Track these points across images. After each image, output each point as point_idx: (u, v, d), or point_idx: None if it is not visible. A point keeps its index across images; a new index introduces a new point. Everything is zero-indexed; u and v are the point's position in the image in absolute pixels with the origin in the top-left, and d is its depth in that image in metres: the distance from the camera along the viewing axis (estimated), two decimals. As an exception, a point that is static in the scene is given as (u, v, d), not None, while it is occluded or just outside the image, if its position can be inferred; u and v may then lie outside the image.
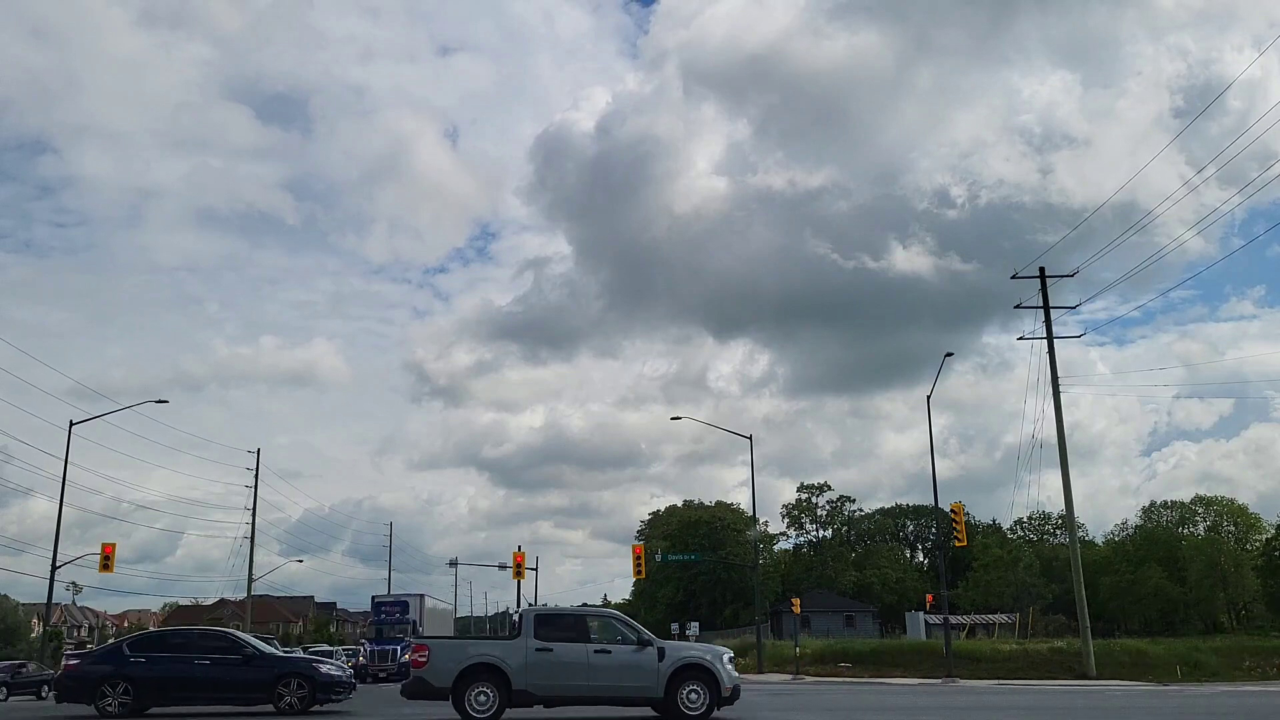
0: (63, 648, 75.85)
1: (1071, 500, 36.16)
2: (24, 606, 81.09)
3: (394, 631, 42.20)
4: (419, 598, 44.93)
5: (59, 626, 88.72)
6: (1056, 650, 40.31)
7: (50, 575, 42.71)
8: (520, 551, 55.09)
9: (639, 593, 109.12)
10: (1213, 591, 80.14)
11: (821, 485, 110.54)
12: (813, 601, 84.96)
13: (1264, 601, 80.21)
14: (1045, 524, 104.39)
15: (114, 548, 43.34)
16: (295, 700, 17.92)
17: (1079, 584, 34.87)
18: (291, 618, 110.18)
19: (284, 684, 18.00)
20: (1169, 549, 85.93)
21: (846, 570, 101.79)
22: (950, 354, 44.01)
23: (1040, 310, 36.44)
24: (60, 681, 17.99)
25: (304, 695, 18.00)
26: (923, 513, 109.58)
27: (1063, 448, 35.80)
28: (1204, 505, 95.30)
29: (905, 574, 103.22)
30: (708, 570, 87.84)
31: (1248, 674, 36.92)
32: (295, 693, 17.98)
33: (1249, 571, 79.67)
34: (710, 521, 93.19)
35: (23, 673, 36.30)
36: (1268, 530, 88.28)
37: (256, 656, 18.45)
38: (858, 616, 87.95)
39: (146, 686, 17.66)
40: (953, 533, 40.05)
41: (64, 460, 42.56)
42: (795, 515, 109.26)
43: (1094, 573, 74.43)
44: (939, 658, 38.70)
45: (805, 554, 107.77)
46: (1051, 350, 36.17)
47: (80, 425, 43.70)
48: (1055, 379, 35.95)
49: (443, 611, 54.66)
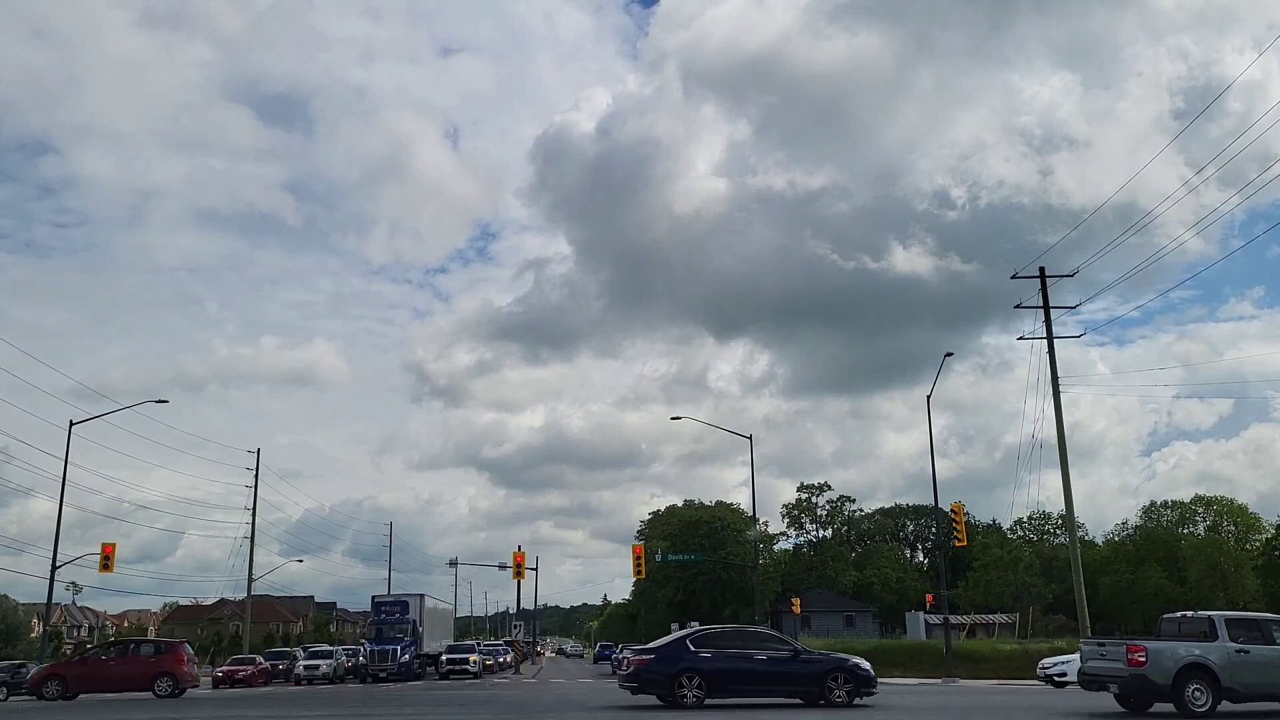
0: (62, 647, 75.89)
1: (1071, 500, 36.12)
2: (24, 606, 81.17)
3: (394, 631, 42.18)
4: (419, 598, 44.94)
5: (59, 626, 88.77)
6: (1057, 650, 40.32)
7: (50, 575, 42.75)
8: (520, 551, 55.20)
9: (639, 593, 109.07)
10: (1213, 591, 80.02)
11: (821, 485, 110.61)
12: (813, 601, 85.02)
13: (1264, 601, 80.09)
14: (1045, 524, 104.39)
15: (114, 548, 43.43)
16: (843, 694, 18.91)
17: (1079, 584, 34.84)
18: (291, 618, 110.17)
19: (833, 679, 18.98)
20: (1169, 549, 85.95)
21: (846, 570, 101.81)
22: (950, 354, 44.03)
23: (1040, 310, 36.37)
24: (635, 675, 19.04)
25: (850, 689, 18.98)
26: (923, 513, 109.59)
27: (1063, 448, 35.78)
28: (1204, 505, 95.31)
29: (905, 574, 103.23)
30: (708, 570, 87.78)
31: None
32: (842, 687, 18.97)
33: (1249, 571, 79.64)
34: (710, 521, 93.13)
35: (22, 673, 36.26)
36: (1268, 530, 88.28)
37: (805, 653, 19.61)
38: (858, 616, 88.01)
39: (714, 679, 18.72)
40: (953, 533, 40.06)
41: (64, 460, 42.62)
42: (795, 515, 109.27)
43: (1094, 573, 74.45)
44: (939, 658, 38.74)
45: (805, 554, 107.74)
46: (1051, 350, 36.15)
47: (81, 425, 43.78)
48: (1055, 379, 35.92)
49: (443, 611, 54.66)
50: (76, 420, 43.39)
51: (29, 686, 29.89)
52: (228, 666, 42.22)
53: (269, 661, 44.59)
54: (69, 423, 42.96)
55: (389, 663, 40.28)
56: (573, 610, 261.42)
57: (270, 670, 42.77)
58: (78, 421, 43.42)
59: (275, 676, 42.90)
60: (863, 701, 18.96)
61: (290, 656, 47.15)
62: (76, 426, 43.23)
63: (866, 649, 46.96)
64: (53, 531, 43.26)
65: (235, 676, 39.53)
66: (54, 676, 28.52)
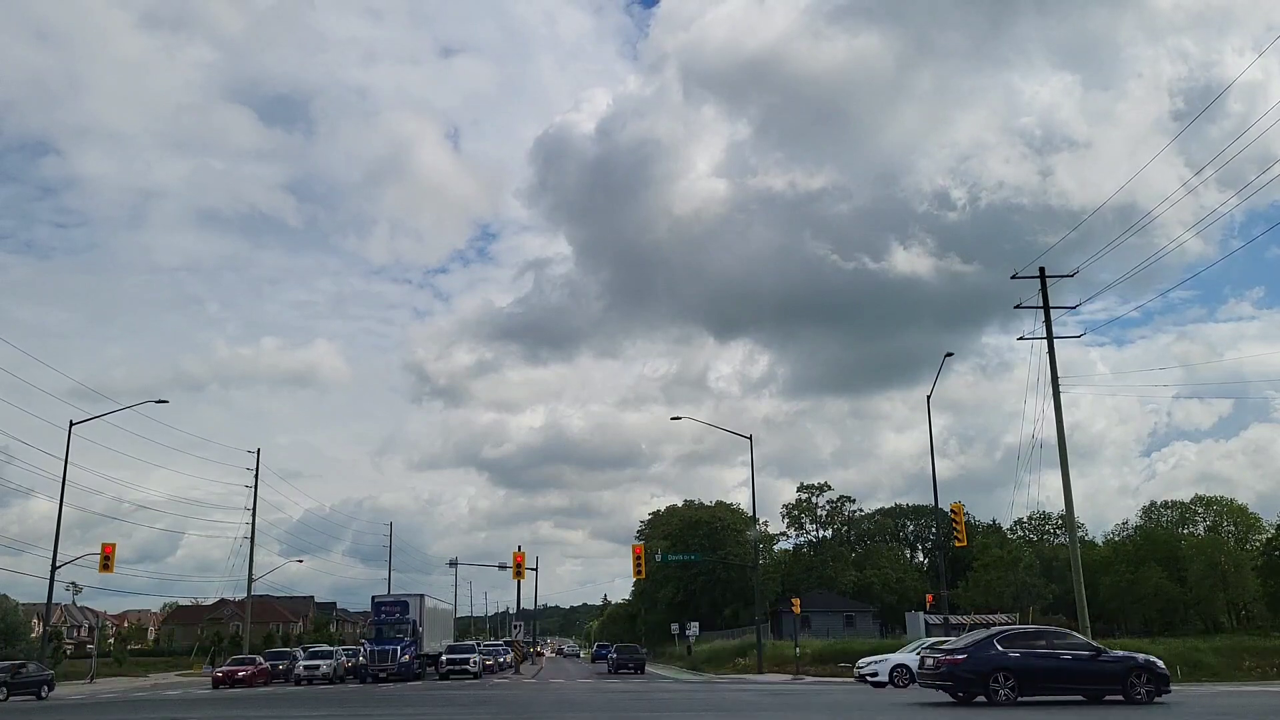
0: (62, 648, 75.81)
1: (1071, 500, 36.10)
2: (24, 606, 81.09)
3: (394, 631, 42.20)
4: (419, 598, 44.96)
5: (59, 627, 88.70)
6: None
7: (50, 575, 42.75)
8: (520, 551, 55.20)
9: (639, 593, 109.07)
10: (1213, 591, 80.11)
11: (821, 485, 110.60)
12: (813, 601, 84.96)
13: (1264, 601, 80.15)
14: (1045, 524, 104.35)
15: (114, 548, 43.43)
16: (1144, 692, 19.08)
17: (1079, 584, 34.83)
18: (291, 617, 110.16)
19: (1135, 676, 19.20)
20: (1169, 549, 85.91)
21: (846, 570, 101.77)
22: (950, 354, 44.05)
23: (1040, 310, 36.36)
24: (950, 674, 19.45)
25: (1150, 688, 19.16)
26: (923, 513, 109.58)
27: (1063, 447, 35.76)
28: (1204, 505, 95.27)
29: (905, 574, 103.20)
30: (708, 570, 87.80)
31: (1248, 674, 36.93)
32: (1144, 685, 19.14)
33: (1249, 571, 79.62)
34: (710, 521, 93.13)
35: (22, 673, 36.27)
36: (1268, 530, 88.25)
37: (1105, 652, 19.80)
38: (858, 616, 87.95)
39: (1025, 677, 19.07)
40: (953, 533, 40.05)
41: (64, 460, 42.61)
42: (795, 515, 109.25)
43: (1094, 573, 74.42)
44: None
45: (805, 554, 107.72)
46: (1051, 350, 36.12)
47: (81, 426, 43.79)
48: (1055, 378, 35.91)
49: (443, 611, 54.67)
50: (76, 420, 43.45)
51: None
52: (228, 666, 42.25)
53: (269, 661, 44.63)
54: (69, 423, 43.01)
55: (389, 663, 40.29)
56: (573, 610, 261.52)
57: (270, 670, 42.80)
58: (78, 421, 43.46)
59: (275, 676, 42.93)
60: (1161, 700, 19.19)
61: (290, 657, 47.16)
62: (77, 427, 43.29)
63: (867, 649, 46.99)
64: (53, 532, 43.31)
65: (235, 676, 39.55)
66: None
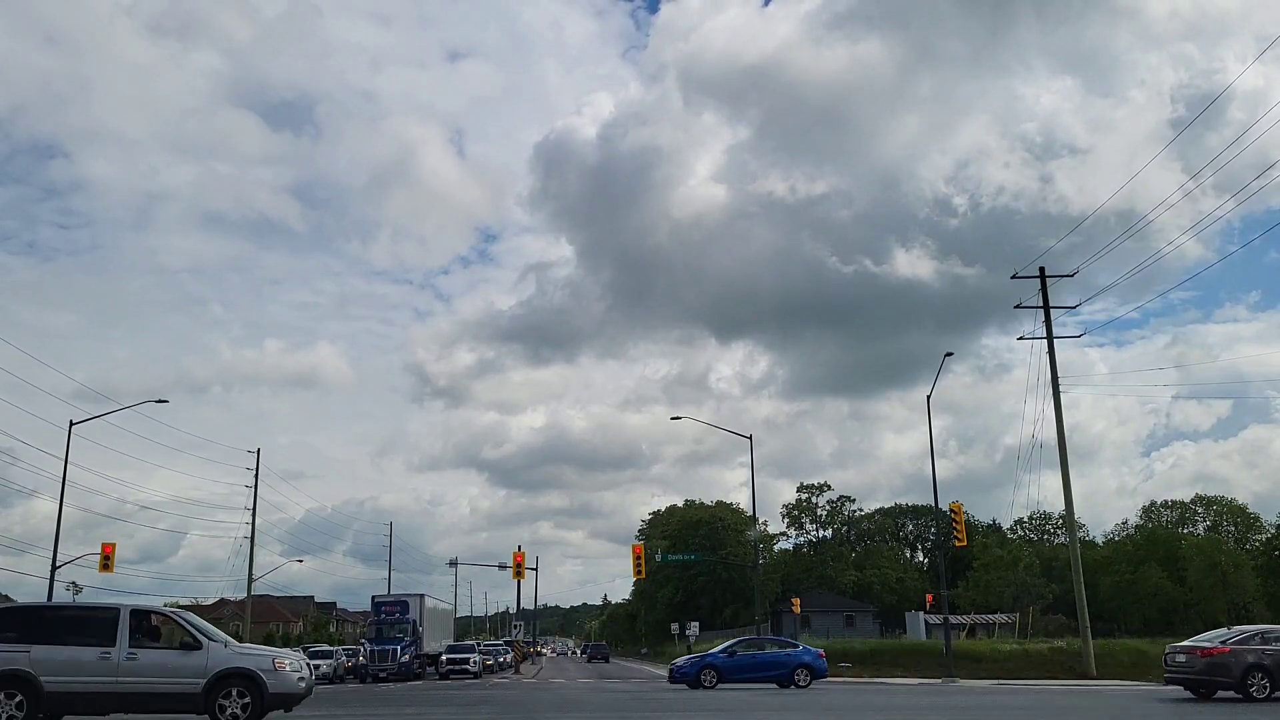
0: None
1: (1071, 500, 36.15)
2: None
3: (394, 631, 42.19)
4: (419, 598, 44.95)
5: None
6: (1056, 650, 40.33)
7: (50, 575, 42.72)
8: (520, 551, 55.11)
9: (639, 593, 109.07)
10: (1213, 591, 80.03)
11: (821, 485, 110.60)
12: (813, 601, 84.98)
13: (1264, 601, 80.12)
14: (1045, 524, 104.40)
15: (114, 548, 43.42)
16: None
17: (1079, 584, 34.86)
18: (291, 617, 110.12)
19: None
20: (1169, 549, 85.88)
21: (846, 570, 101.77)
22: (950, 354, 44.02)
23: (1039, 311, 36.42)
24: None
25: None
26: (922, 513, 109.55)
27: (1062, 447, 35.79)
28: (1204, 505, 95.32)
29: (905, 574, 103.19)
30: (708, 570, 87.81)
31: (1248, 674, 36.86)
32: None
33: (1249, 571, 79.63)
34: (710, 521, 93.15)
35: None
36: (1268, 530, 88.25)
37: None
38: (858, 616, 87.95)
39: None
40: (952, 533, 40.04)
41: (64, 460, 42.59)
42: (795, 515, 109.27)
43: (1094, 572, 74.40)
44: (939, 658, 38.71)
45: (805, 554, 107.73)
46: (1051, 350, 36.17)
47: (84, 427, 43.78)
48: (1055, 378, 35.94)
49: (443, 611, 54.67)
50: (76, 420, 43.44)
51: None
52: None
53: (269, 661, 44.52)
54: (69, 423, 42.99)
55: (389, 663, 40.28)
56: (573, 610, 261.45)
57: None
58: (78, 421, 43.43)
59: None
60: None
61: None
62: (79, 427, 43.24)
63: (866, 649, 47.01)
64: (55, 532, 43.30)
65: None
66: None
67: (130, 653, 14.63)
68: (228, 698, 14.61)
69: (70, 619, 15.43)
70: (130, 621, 14.93)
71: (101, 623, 14.91)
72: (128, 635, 14.76)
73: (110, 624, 14.85)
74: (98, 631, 14.80)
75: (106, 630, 14.78)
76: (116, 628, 14.77)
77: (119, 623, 14.83)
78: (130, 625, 14.89)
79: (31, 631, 14.78)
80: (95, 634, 14.77)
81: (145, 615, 15.40)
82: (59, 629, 14.96)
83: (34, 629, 14.84)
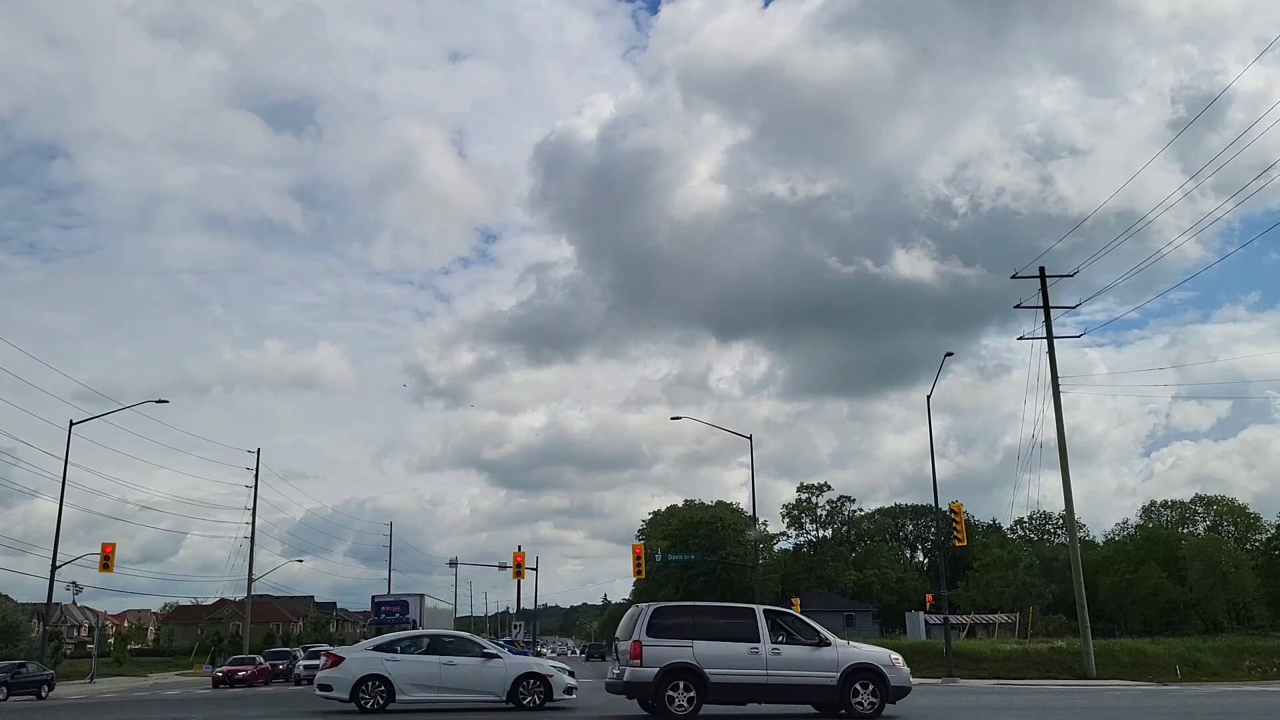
0: (62, 648, 75.72)
1: (1071, 500, 36.13)
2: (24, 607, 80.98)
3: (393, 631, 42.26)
4: (419, 598, 45.09)
5: (58, 627, 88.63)
6: (1056, 650, 40.29)
7: (50, 575, 42.75)
8: (520, 551, 55.15)
9: (639, 593, 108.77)
10: (1213, 591, 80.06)
11: (821, 485, 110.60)
12: (813, 601, 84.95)
13: (1264, 601, 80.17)
14: (1045, 524, 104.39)
15: (114, 548, 43.41)
16: None
17: (1079, 584, 34.84)
18: (291, 617, 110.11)
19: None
20: (1169, 549, 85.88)
21: (846, 570, 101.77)
22: (950, 354, 44.04)
23: (1039, 311, 36.40)
24: None
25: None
26: (922, 513, 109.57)
27: (1062, 447, 35.77)
28: (1204, 505, 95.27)
29: (905, 574, 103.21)
30: (708, 570, 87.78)
31: (1248, 674, 36.92)
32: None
33: (1249, 571, 79.63)
34: (710, 521, 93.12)
35: (23, 673, 36.26)
36: (1268, 530, 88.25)
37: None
38: (858, 616, 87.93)
39: None
40: (952, 533, 40.04)
41: (64, 460, 42.60)
42: (795, 515, 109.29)
43: (1094, 572, 74.38)
44: (939, 658, 38.68)
45: (805, 554, 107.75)
46: (1051, 350, 36.16)
47: (85, 427, 43.90)
48: (1055, 378, 35.93)
49: (443, 611, 54.77)
50: (76, 420, 43.45)
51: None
52: (228, 666, 42.24)
53: (269, 661, 44.58)
54: (69, 422, 43.00)
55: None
56: (573, 610, 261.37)
57: (270, 670, 42.77)
58: (78, 421, 43.45)
59: (275, 676, 42.89)
60: None
61: (290, 656, 47.09)
62: (80, 427, 43.32)
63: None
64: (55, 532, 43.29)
65: (235, 676, 39.53)
66: None
67: (774, 648, 15.85)
68: (857, 692, 15.78)
69: (719, 618, 16.66)
70: (765, 620, 16.18)
71: (744, 621, 16.20)
72: (767, 632, 15.99)
73: (751, 623, 16.12)
74: (743, 629, 16.05)
75: (750, 628, 16.04)
76: (757, 626, 16.03)
77: (758, 621, 16.11)
78: (767, 624, 16.12)
79: (692, 629, 15.98)
80: (742, 631, 16.01)
81: (778, 615, 16.71)
82: (712, 627, 16.14)
83: (693, 627, 16.04)
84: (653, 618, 15.96)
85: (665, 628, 15.80)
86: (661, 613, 16.23)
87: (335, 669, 18.57)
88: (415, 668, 18.35)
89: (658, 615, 16.08)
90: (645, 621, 15.85)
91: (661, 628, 15.79)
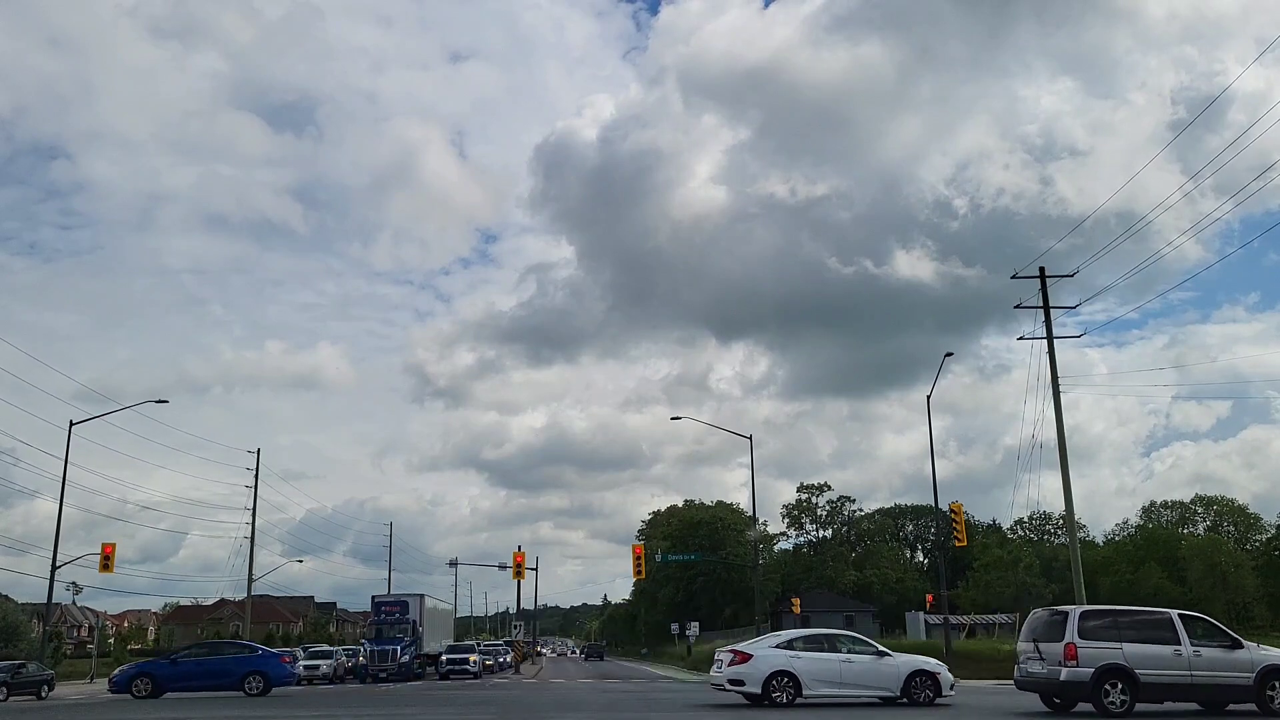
0: (62, 648, 75.73)
1: (1071, 500, 36.08)
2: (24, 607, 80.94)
3: (394, 631, 42.20)
4: (419, 598, 44.94)
5: (58, 627, 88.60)
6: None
7: (50, 575, 42.70)
8: (520, 551, 55.16)
9: (639, 593, 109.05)
10: (1213, 591, 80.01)
11: (821, 485, 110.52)
12: (813, 601, 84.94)
13: (1264, 601, 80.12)
14: (1045, 524, 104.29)
15: (114, 548, 43.38)
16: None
17: (1079, 584, 34.81)
18: (291, 617, 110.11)
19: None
20: (1169, 549, 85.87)
21: (846, 570, 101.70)
22: (950, 354, 44.04)
23: (1039, 311, 36.34)
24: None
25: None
26: (922, 513, 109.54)
27: (1062, 447, 35.74)
28: (1204, 505, 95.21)
29: (905, 574, 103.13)
30: (708, 570, 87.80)
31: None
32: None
33: (1249, 572, 79.60)
34: (710, 522, 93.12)
35: (22, 673, 36.22)
36: (1267, 530, 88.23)
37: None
38: (858, 616, 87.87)
39: None
40: (952, 533, 40.05)
41: (64, 460, 42.57)
42: (795, 515, 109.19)
43: (1094, 573, 74.34)
44: (939, 658, 38.68)
45: (805, 554, 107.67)
46: (1051, 350, 36.11)
47: (85, 427, 43.78)
48: (1055, 378, 35.90)
49: (443, 612, 54.65)
50: (76, 420, 43.42)
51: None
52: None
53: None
54: (69, 423, 42.97)
55: (389, 663, 40.27)
56: (573, 610, 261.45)
57: (270, 670, 42.65)
58: (77, 421, 43.42)
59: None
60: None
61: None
62: (80, 428, 43.24)
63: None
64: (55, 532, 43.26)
65: (235, 676, 39.40)
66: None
67: (1195, 650, 16.71)
68: (1275, 690, 16.61)
69: (1139, 620, 17.48)
70: (1182, 624, 16.99)
71: (1162, 624, 17.08)
72: (1185, 635, 16.82)
73: (1169, 625, 17.00)
74: (1163, 632, 16.92)
75: (1168, 631, 16.91)
76: (1176, 629, 16.88)
77: (1175, 625, 16.95)
78: (1184, 627, 16.92)
79: (1115, 632, 16.92)
80: (1163, 634, 16.90)
81: (1191, 620, 17.42)
82: (1134, 630, 17.03)
83: (1116, 629, 16.99)
84: (1080, 621, 16.93)
85: (1090, 630, 16.79)
86: (1086, 615, 17.22)
87: (745, 665, 19.36)
88: (819, 665, 19.29)
89: (1084, 619, 17.05)
90: (1075, 624, 16.80)
91: (1087, 630, 16.77)
